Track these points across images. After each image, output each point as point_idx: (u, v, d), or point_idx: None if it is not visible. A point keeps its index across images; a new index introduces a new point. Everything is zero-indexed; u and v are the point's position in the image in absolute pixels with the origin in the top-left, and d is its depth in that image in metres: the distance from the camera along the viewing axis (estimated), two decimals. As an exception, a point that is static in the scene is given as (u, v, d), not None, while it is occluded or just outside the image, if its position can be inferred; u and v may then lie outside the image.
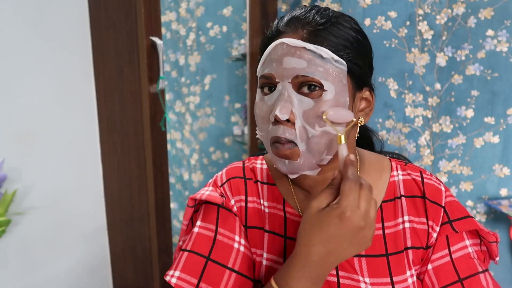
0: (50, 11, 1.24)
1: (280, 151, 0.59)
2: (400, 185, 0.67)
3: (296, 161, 0.59)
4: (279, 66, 0.59)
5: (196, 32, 2.37)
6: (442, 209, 0.64)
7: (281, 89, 0.59)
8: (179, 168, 2.62)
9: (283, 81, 0.58)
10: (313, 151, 0.59)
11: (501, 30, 1.70)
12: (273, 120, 0.58)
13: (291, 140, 0.58)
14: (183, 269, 0.62)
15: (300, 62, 0.57)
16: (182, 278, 0.61)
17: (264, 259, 0.65)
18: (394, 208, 0.65)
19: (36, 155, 1.25)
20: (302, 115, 0.57)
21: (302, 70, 0.57)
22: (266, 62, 0.61)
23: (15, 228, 1.21)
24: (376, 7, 1.93)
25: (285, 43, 0.58)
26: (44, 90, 1.26)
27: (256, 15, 1.94)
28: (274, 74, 0.59)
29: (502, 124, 1.75)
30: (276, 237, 0.65)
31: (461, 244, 0.63)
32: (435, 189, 0.66)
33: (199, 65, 2.40)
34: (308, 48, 0.57)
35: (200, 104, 2.45)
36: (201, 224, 0.66)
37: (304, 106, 0.58)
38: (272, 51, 0.60)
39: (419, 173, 0.68)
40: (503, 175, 1.78)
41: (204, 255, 0.63)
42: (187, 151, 2.56)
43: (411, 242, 0.63)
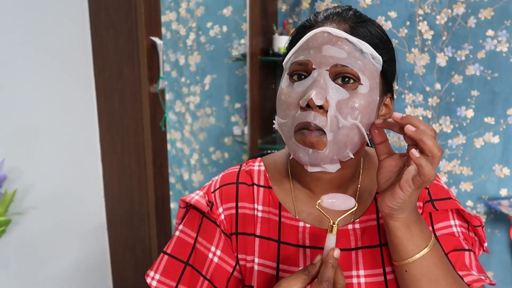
0: (50, 11, 1.24)
1: (306, 137, 0.57)
2: None
3: (321, 150, 0.57)
4: (317, 53, 0.57)
5: (196, 32, 2.37)
6: (426, 190, 0.66)
7: (316, 75, 0.57)
8: (179, 168, 2.62)
9: (320, 68, 0.57)
10: (339, 143, 0.57)
11: (501, 30, 1.70)
12: (304, 104, 0.56)
13: (320, 127, 0.56)
14: (163, 272, 0.66)
15: (341, 52, 0.57)
16: (161, 281, 0.65)
17: (256, 264, 0.65)
18: None
19: (36, 155, 1.25)
20: (336, 104, 0.56)
21: (342, 59, 0.56)
22: (302, 49, 0.59)
23: (15, 228, 1.21)
24: (376, 7, 1.93)
25: (327, 32, 0.58)
26: (44, 90, 1.26)
27: (256, 15, 1.94)
28: (312, 61, 0.58)
29: (502, 124, 1.75)
30: (270, 242, 0.66)
31: (446, 223, 0.65)
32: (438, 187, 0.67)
33: (199, 65, 2.40)
34: (350, 40, 0.57)
35: (200, 104, 2.45)
36: (182, 228, 0.69)
37: (339, 96, 0.56)
38: (310, 38, 0.59)
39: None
40: (503, 175, 1.78)
41: (183, 261, 0.66)
42: (187, 151, 2.56)
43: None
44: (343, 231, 0.64)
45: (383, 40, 0.61)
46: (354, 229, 0.65)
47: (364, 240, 0.64)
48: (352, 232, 0.64)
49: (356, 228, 0.65)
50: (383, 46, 0.61)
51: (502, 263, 1.83)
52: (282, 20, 2.16)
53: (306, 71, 0.59)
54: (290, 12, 2.17)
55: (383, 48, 0.60)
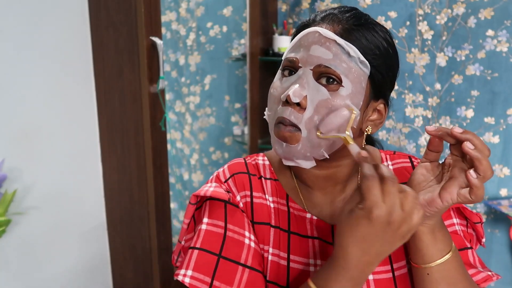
0: (50, 11, 1.24)
1: (281, 131, 0.59)
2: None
3: (293, 145, 0.59)
4: (305, 52, 0.59)
5: (196, 32, 2.37)
6: None
7: (301, 74, 0.59)
8: (179, 168, 2.62)
9: (305, 66, 0.59)
10: (313, 141, 0.58)
11: (501, 30, 1.70)
12: (284, 100, 0.58)
13: (295, 124, 0.58)
14: (195, 267, 0.61)
15: (327, 53, 0.58)
16: (195, 277, 0.60)
17: (270, 254, 0.65)
18: None
19: (36, 155, 1.25)
20: (316, 104, 0.57)
21: (326, 60, 0.58)
22: (295, 46, 0.62)
23: (15, 228, 1.21)
24: (376, 7, 1.93)
25: (317, 32, 0.59)
26: (44, 90, 1.26)
27: (256, 15, 1.94)
28: (299, 59, 0.60)
29: (502, 124, 1.75)
30: (281, 232, 0.66)
31: (449, 221, 0.67)
32: None
33: (199, 65, 2.40)
34: (338, 42, 0.58)
35: (200, 104, 2.45)
36: (208, 221, 0.64)
37: (319, 96, 0.58)
38: (303, 37, 0.61)
39: (408, 159, 0.71)
40: (503, 175, 1.78)
41: (215, 253, 0.62)
42: (187, 151, 2.56)
43: None
44: None
45: (380, 46, 0.61)
46: None
47: None
48: None
49: None
50: (378, 52, 0.60)
51: (502, 263, 1.83)
52: (282, 20, 2.16)
53: (294, 68, 0.61)
54: (290, 12, 2.17)
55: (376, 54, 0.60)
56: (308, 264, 0.64)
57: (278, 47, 2.03)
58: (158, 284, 1.50)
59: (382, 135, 2.02)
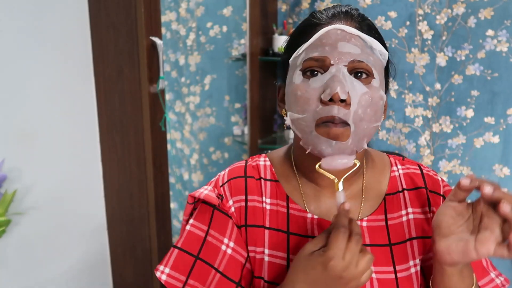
0: (50, 11, 1.24)
1: (331, 130, 0.58)
2: (402, 179, 0.71)
3: (344, 141, 0.58)
4: (333, 50, 0.59)
5: (196, 32, 2.37)
6: (441, 197, 0.69)
7: (334, 71, 0.58)
8: (179, 168, 2.62)
9: (338, 64, 0.59)
10: (359, 134, 0.59)
11: (501, 30, 1.70)
12: (327, 99, 0.57)
13: (344, 120, 0.58)
14: (172, 266, 0.65)
15: (355, 48, 0.59)
16: (171, 275, 0.64)
17: (266, 255, 0.66)
18: (398, 201, 0.68)
19: (36, 155, 1.25)
20: (358, 98, 0.58)
21: (358, 55, 0.59)
22: (315, 46, 0.61)
23: (15, 228, 1.21)
24: (376, 7, 1.93)
25: (340, 29, 0.60)
26: (44, 90, 1.26)
27: (256, 15, 1.94)
28: (329, 57, 0.59)
29: (502, 124, 1.75)
30: (279, 233, 0.66)
31: None
32: (434, 180, 0.71)
33: (199, 65, 2.40)
34: (362, 37, 0.60)
35: (200, 104, 2.45)
36: (193, 222, 0.67)
37: (359, 90, 0.58)
38: (323, 35, 0.60)
39: (418, 166, 0.73)
40: (503, 175, 1.78)
41: (193, 254, 0.65)
42: (187, 151, 2.56)
43: (415, 232, 0.67)
44: None
45: (382, 38, 0.65)
46: (361, 226, 0.66)
47: (372, 239, 0.65)
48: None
49: (363, 225, 0.66)
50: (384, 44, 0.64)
51: (502, 263, 1.83)
52: (282, 20, 2.16)
53: (322, 67, 0.60)
54: (290, 12, 2.17)
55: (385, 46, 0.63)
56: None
57: (278, 47, 2.03)
58: (158, 284, 1.50)
59: (382, 135, 2.02)
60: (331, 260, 0.51)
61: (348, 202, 0.55)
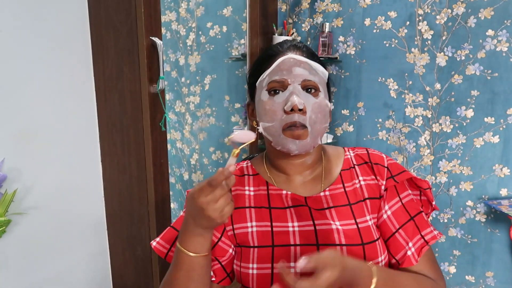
0: (50, 11, 1.24)
1: (294, 132, 0.79)
2: (352, 159, 0.91)
3: (305, 140, 0.79)
4: (289, 73, 0.81)
5: (196, 32, 2.37)
6: (385, 168, 0.88)
7: (292, 89, 0.80)
8: (179, 168, 2.62)
9: (294, 83, 0.80)
10: (314, 134, 0.80)
11: (501, 30, 1.70)
12: (289, 109, 0.78)
13: (303, 124, 0.79)
14: (162, 237, 0.87)
15: (305, 72, 0.81)
16: (159, 243, 0.86)
17: (254, 227, 0.84)
18: (351, 174, 0.89)
19: (36, 155, 1.25)
20: (311, 107, 0.79)
21: (307, 76, 0.81)
22: (275, 71, 0.82)
23: (15, 228, 1.21)
24: (376, 7, 1.93)
25: (292, 58, 0.82)
26: (44, 90, 1.26)
27: (256, 15, 1.94)
28: (287, 79, 0.81)
29: (502, 124, 1.75)
30: (263, 209, 0.86)
31: (406, 192, 0.88)
32: (378, 157, 0.91)
33: (199, 65, 2.40)
34: (308, 62, 0.82)
35: (200, 104, 2.45)
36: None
37: (310, 100, 0.80)
38: (281, 63, 0.82)
39: (365, 150, 0.93)
40: (503, 175, 1.78)
41: (177, 230, 0.85)
42: (187, 151, 2.56)
43: (368, 194, 0.86)
44: (316, 198, 0.84)
45: (322, 62, 0.87)
46: (325, 195, 0.85)
47: (334, 202, 0.84)
48: (324, 198, 0.85)
49: (326, 194, 0.85)
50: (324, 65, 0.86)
51: (502, 263, 1.83)
52: (282, 20, 2.16)
53: (282, 87, 0.81)
54: (290, 12, 2.17)
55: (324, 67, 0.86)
56: (287, 226, 0.83)
57: (278, 47, 2.03)
58: (158, 284, 1.50)
59: (382, 135, 2.02)
60: (198, 198, 0.68)
61: (234, 166, 0.68)
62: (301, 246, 0.80)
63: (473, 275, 1.90)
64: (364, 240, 0.80)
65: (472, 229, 1.87)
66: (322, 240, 0.80)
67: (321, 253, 0.63)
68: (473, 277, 1.90)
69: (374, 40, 1.96)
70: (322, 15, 2.08)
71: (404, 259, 0.82)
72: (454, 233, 1.91)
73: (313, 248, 0.80)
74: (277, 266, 0.76)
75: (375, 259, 0.80)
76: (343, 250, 0.79)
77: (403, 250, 0.83)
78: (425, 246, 0.83)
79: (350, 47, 2.03)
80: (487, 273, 1.87)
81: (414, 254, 0.82)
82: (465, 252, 1.90)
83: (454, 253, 1.92)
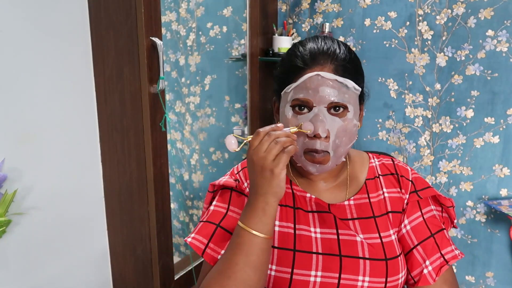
0: (50, 11, 1.25)
1: (315, 158, 0.77)
2: (377, 168, 0.89)
3: (326, 164, 0.78)
4: (316, 94, 0.75)
5: (196, 33, 2.37)
6: (410, 182, 0.86)
7: (317, 111, 0.75)
8: (179, 168, 2.62)
9: (319, 105, 0.75)
10: (337, 156, 0.78)
11: (501, 30, 1.70)
12: (312, 136, 0.75)
13: (325, 150, 0.76)
14: (197, 232, 0.81)
15: (333, 91, 0.75)
16: (196, 238, 0.80)
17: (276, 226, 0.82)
18: (375, 184, 0.86)
19: (36, 155, 1.25)
20: (335, 132, 0.76)
21: (335, 97, 0.75)
22: (301, 88, 0.77)
23: (15, 228, 1.21)
24: (376, 7, 1.93)
25: (320, 75, 0.75)
26: (44, 90, 1.26)
27: (256, 15, 1.94)
28: (312, 100, 0.76)
29: (502, 124, 1.75)
30: (288, 209, 0.84)
31: (428, 208, 0.85)
32: (404, 169, 0.88)
33: (199, 66, 2.40)
34: (339, 80, 0.76)
35: (200, 104, 2.45)
36: (216, 203, 0.85)
37: (336, 125, 0.76)
38: (307, 80, 0.76)
39: (390, 159, 0.91)
40: (503, 175, 1.78)
41: (215, 223, 0.81)
42: (187, 151, 2.56)
43: (391, 207, 0.84)
44: (340, 206, 0.83)
45: (360, 71, 0.81)
46: (349, 205, 0.83)
47: (359, 213, 0.82)
48: (348, 207, 0.83)
49: (351, 204, 0.83)
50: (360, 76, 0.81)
51: (502, 263, 1.83)
52: (282, 20, 2.16)
53: (306, 106, 0.77)
54: (290, 12, 2.17)
55: (360, 78, 0.80)
56: (310, 231, 0.81)
57: (278, 47, 2.03)
58: (158, 284, 1.50)
59: (382, 135, 2.02)
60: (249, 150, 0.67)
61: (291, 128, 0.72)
62: (323, 255, 0.77)
63: (473, 275, 1.90)
64: (387, 256, 0.78)
65: (472, 230, 1.87)
66: (345, 251, 0.78)
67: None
68: (473, 277, 1.90)
69: (374, 40, 1.96)
70: (322, 15, 2.09)
71: (420, 277, 0.79)
72: (454, 234, 1.91)
73: (335, 258, 0.77)
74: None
75: (396, 275, 0.77)
76: (366, 264, 0.77)
77: (419, 268, 0.79)
78: (444, 266, 0.78)
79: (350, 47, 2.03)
80: (487, 273, 1.87)
81: (431, 272, 0.78)
82: (465, 252, 1.90)
83: (454, 253, 1.92)
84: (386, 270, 0.76)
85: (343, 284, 0.75)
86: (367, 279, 0.75)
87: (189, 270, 1.76)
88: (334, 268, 0.76)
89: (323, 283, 0.75)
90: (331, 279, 0.75)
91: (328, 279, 0.75)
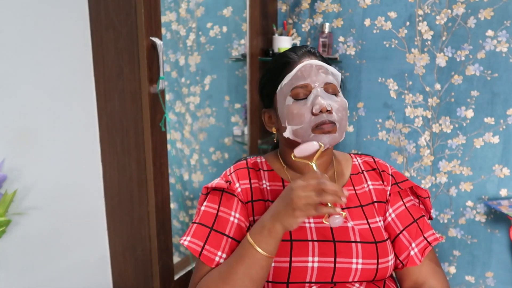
0: (50, 11, 1.25)
1: (325, 129, 0.83)
2: (360, 165, 0.99)
3: (335, 133, 0.84)
4: (311, 78, 0.86)
5: (196, 33, 2.37)
6: (390, 176, 0.96)
7: (317, 92, 0.85)
8: (179, 168, 2.62)
9: (317, 87, 0.86)
10: (342, 129, 0.87)
11: (501, 31, 1.70)
12: (318, 111, 0.83)
13: (332, 121, 0.84)
14: (193, 235, 0.85)
15: (325, 75, 0.87)
16: (192, 241, 0.85)
17: None
18: (359, 178, 0.95)
19: (36, 155, 1.25)
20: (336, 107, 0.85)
21: (328, 79, 0.87)
22: (297, 77, 0.86)
23: (15, 228, 1.21)
24: (376, 7, 1.93)
25: (312, 64, 0.87)
26: (44, 90, 1.26)
27: (256, 15, 1.94)
28: (310, 83, 0.86)
29: (502, 124, 1.75)
30: None
31: (409, 198, 0.95)
32: (384, 165, 0.99)
33: (199, 66, 2.40)
34: (326, 67, 0.88)
35: (200, 104, 2.45)
36: (207, 204, 0.90)
37: (334, 101, 0.86)
38: (301, 69, 0.87)
39: (371, 158, 1.01)
40: (503, 175, 1.78)
41: (208, 226, 0.86)
42: (187, 151, 2.56)
43: (376, 197, 0.93)
44: None
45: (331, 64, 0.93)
46: None
47: (347, 203, 0.89)
48: None
49: None
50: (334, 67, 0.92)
51: (502, 263, 1.83)
52: (282, 21, 2.16)
53: (306, 91, 0.86)
54: (290, 12, 2.17)
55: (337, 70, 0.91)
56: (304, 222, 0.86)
57: (278, 47, 2.03)
58: (158, 284, 1.50)
59: (382, 136, 2.02)
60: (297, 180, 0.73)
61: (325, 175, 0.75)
62: (319, 242, 0.83)
63: (473, 275, 1.90)
64: (376, 239, 0.86)
65: (472, 230, 1.88)
66: (338, 237, 0.85)
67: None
68: (473, 278, 1.90)
69: (374, 41, 1.96)
70: (322, 15, 2.09)
71: (408, 259, 0.88)
72: (454, 234, 1.91)
73: (330, 244, 0.84)
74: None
75: (386, 257, 0.85)
76: (358, 247, 0.84)
77: (407, 251, 0.89)
78: (428, 247, 0.89)
79: (350, 47, 2.03)
80: (487, 273, 1.87)
81: (417, 254, 0.88)
82: (465, 252, 1.90)
83: (454, 254, 1.93)
84: (377, 252, 0.84)
85: (339, 267, 0.82)
86: (360, 261, 0.83)
87: (189, 270, 1.76)
88: (329, 253, 0.82)
89: (320, 268, 0.81)
90: (327, 264, 0.82)
91: (325, 263, 0.82)
